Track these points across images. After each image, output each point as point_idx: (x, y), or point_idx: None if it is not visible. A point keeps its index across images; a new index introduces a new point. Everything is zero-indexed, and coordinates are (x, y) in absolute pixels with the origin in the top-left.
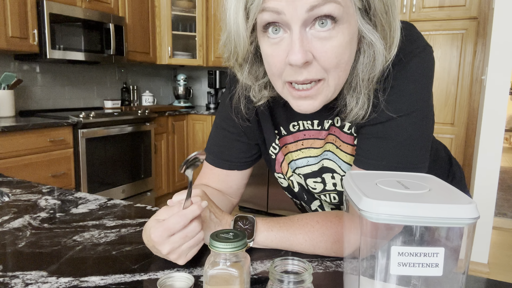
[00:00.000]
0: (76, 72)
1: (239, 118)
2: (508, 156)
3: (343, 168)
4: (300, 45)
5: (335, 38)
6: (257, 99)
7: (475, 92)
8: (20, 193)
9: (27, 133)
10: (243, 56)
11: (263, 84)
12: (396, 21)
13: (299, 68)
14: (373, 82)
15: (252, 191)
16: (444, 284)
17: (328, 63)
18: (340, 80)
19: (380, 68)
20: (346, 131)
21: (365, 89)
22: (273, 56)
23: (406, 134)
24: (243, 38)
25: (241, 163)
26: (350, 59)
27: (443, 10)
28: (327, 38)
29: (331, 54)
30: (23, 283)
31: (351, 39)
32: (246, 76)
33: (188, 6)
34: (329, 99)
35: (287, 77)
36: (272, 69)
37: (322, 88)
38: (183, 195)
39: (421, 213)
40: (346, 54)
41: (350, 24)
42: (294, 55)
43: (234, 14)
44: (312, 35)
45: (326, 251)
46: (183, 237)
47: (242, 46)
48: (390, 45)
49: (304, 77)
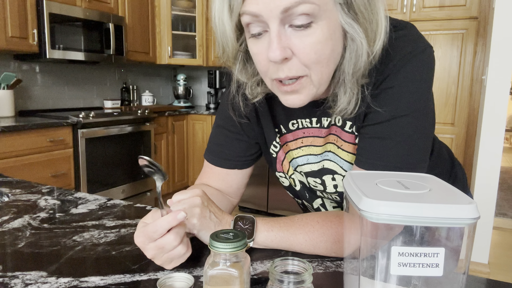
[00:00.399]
0: (76, 72)
1: (236, 115)
2: (508, 156)
3: (345, 168)
4: (277, 42)
5: (313, 34)
6: (253, 96)
7: (475, 92)
8: (20, 193)
9: (27, 133)
10: (233, 55)
11: (256, 82)
12: (379, 15)
13: (279, 64)
14: (358, 76)
15: (252, 191)
16: (445, 284)
17: (307, 59)
18: (323, 75)
19: (364, 63)
20: (347, 130)
21: (351, 84)
22: (258, 54)
23: (406, 134)
24: (230, 38)
25: (241, 162)
26: (333, 55)
27: (443, 10)
28: (305, 35)
29: (310, 50)
30: (23, 283)
31: (331, 35)
32: (240, 73)
33: (188, 6)
34: (316, 94)
35: (271, 74)
36: (259, 67)
37: (306, 83)
38: (183, 195)
39: (421, 213)
40: (327, 49)
41: (329, 20)
42: (272, 52)
43: (219, 14)
44: (291, 32)
45: (326, 251)
46: (160, 247)
47: (230, 46)
48: (373, 39)
49: (285, 74)
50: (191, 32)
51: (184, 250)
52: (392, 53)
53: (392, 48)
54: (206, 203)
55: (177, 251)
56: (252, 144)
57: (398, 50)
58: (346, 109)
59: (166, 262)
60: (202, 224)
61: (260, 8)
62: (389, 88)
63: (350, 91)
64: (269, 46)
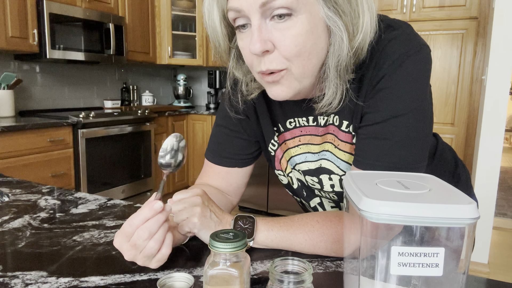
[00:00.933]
0: (76, 72)
1: (233, 111)
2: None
3: (342, 168)
4: (258, 35)
5: (293, 27)
6: (249, 92)
7: (475, 92)
8: (20, 193)
9: (27, 133)
10: (225, 52)
11: (251, 78)
12: (360, 9)
13: (261, 57)
14: (341, 71)
15: (252, 191)
16: (444, 284)
17: (288, 52)
18: (305, 68)
19: (346, 57)
20: (344, 129)
21: (334, 78)
22: (244, 48)
23: (403, 134)
24: (221, 35)
25: (242, 160)
26: (315, 48)
27: (443, 10)
28: (285, 28)
29: (290, 43)
30: (23, 283)
31: (312, 28)
32: (235, 70)
33: (188, 6)
34: (299, 88)
35: (255, 67)
36: (247, 61)
37: (286, 75)
38: (184, 194)
39: (421, 213)
40: (308, 43)
41: (310, 13)
42: (253, 45)
43: (209, 13)
44: (272, 26)
45: (326, 251)
46: (133, 245)
47: (221, 43)
48: (353, 33)
49: (266, 66)
50: (191, 32)
51: (157, 246)
52: (388, 53)
53: (387, 48)
54: (206, 202)
55: (149, 246)
56: (252, 142)
57: (394, 50)
58: (330, 104)
59: (146, 261)
60: (203, 223)
61: (241, 3)
62: (386, 88)
63: (333, 85)
64: (250, 39)
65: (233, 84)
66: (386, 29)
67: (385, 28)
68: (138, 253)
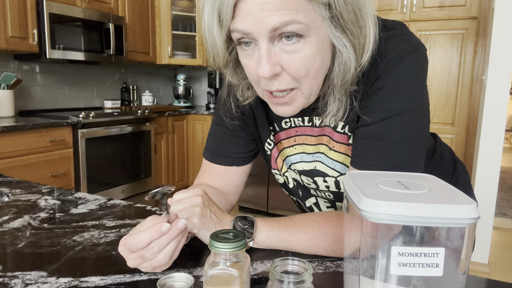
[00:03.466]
0: (76, 72)
1: (228, 117)
2: (508, 156)
3: (337, 169)
4: (267, 59)
5: (302, 50)
6: (244, 98)
7: (475, 92)
8: (20, 193)
9: (27, 133)
10: (223, 63)
11: (247, 85)
12: (367, 27)
13: (269, 79)
14: (346, 86)
15: (252, 191)
16: (445, 284)
17: (297, 74)
18: (313, 87)
19: (352, 74)
20: (339, 130)
21: (339, 94)
22: (248, 66)
23: (400, 134)
24: (220, 49)
25: (240, 158)
26: (322, 67)
27: (443, 10)
28: (294, 51)
29: (299, 66)
30: (23, 283)
31: (320, 49)
32: (231, 77)
33: (188, 6)
34: (306, 104)
35: (263, 86)
36: (250, 77)
37: (296, 95)
38: (184, 194)
39: (421, 213)
40: (316, 63)
41: (318, 36)
42: (262, 69)
43: (208, 26)
44: (280, 48)
45: (326, 251)
46: (140, 257)
47: (220, 56)
48: (361, 53)
49: (276, 87)
50: (191, 32)
51: (166, 260)
52: (383, 54)
53: (383, 49)
54: (207, 202)
55: (157, 259)
56: (249, 140)
57: (389, 50)
58: (336, 116)
59: (148, 269)
60: (203, 223)
61: (249, 27)
62: (382, 88)
63: (339, 100)
64: (259, 63)
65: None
66: (382, 30)
67: (380, 29)
68: (143, 262)
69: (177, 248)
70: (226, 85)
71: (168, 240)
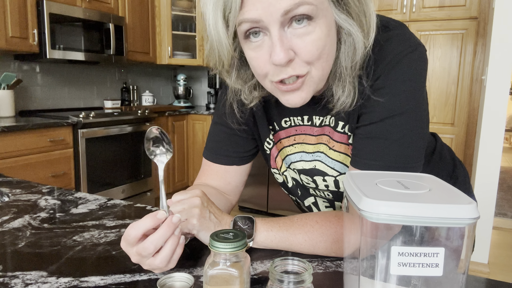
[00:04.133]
0: (76, 72)
1: (234, 122)
2: (508, 156)
3: (336, 169)
4: (281, 45)
5: (313, 32)
6: (249, 101)
7: (475, 92)
8: (20, 193)
9: (27, 133)
10: (228, 62)
11: (252, 86)
12: (369, 7)
13: (283, 66)
14: (356, 69)
15: (252, 191)
16: (444, 284)
17: (310, 57)
18: (324, 71)
19: (361, 55)
20: (339, 130)
21: (349, 77)
22: (257, 58)
23: (400, 133)
24: (226, 46)
25: (240, 157)
26: (331, 50)
27: (443, 10)
28: (305, 34)
29: (312, 48)
30: (23, 283)
31: (329, 31)
32: (235, 80)
33: (188, 6)
34: (315, 90)
35: (273, 77)
36: (257, 71)
37: (306, 80)
38: (182, 195)
39: (421, 213)
40: (327, 45)
41: (326, 18)
42: (277, 55)
43: (213, 24)
44: (291, 33)
45: (326, 251)
46: (139, 253)
47: (226, 54)
48: (367, 31)
49: (289, 74)
50: (191, 32)
51: (163, 265)
52: (383, 54)
53: (383, 49)
54: (205, 203)
55: (154, 264)
56: (249, 139)
57: (389, 50)
58: (345, 102)
59: (149, 268)
60: (202, 224)
61: (260, 14)
62: (382, 89)
63: (349, 84)
64: (272, 50)
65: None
66: (382, 30)
67: (381, 29)
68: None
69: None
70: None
71: (163, 236)
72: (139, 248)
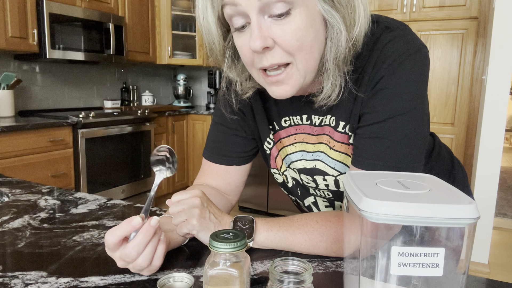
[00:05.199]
0: (76, 72)
1: (228, 112)
2: (508, 156)
3: (337, 168)
4: (258, 31)
5: (292, 21)
6: (243, 91)
7: (475, 92)
8: (20, 193)
9: (27, 133)
10: (220, 52)
11: (245, 77)
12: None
13: (262, 54)
14: (339, 62)
15: (252, 191)
16: (445, 284)
17: (289, 46)
18: (308, 63)
19: (344, 48)
20: (340, 130)
21: (333, 71)
22: (242, 46)
23: (402, 134)
24: (215, 35)
25: (240, 158)
26: (316, 42)
27: (443, 10)
28: (284, 23)
29: (291, 37)
30: (23, 283)
31: (311, 22)
32: (229, 70)
33: (188, 6)
34: (301, 84)
35: (257, 64)
36: (244, 59)
37: (292, 72)
38: (182, 195)
39: (421, 213)
40: (309, 36)
41: (307, 7)
42: (253, 41)
43: (203, 13)
44: (271, 22)
45: (326, 251)
46: (122, 258)
47: (216, 43)
48: (352, 25)
49: (269, 62)
50: (191, 32)
51: (145, 264)
52: (386, 54)
53: (386, 50)
54: (205, 203)
55: (137, 264)
56: (249, 139)
57: (392, 51)
58: (330, 97)
59: (137, 271)
60: (202, 225)
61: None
62: (385, 89)
63: (333, 77)
64: (251, 36)
65: (228, 85)
66: (384, 30)
67: (383, 29)
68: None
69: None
70: (225, 80)
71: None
72: (122, 254)
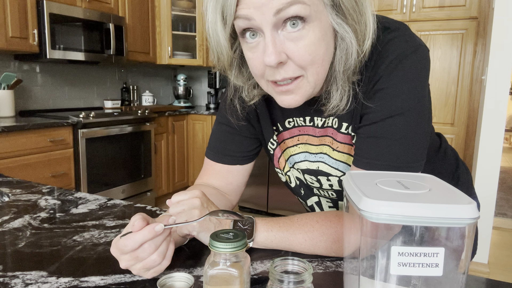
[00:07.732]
0: (76, 72)
1: (234, 118)
2: (508, 156)
3: (340, 169)
4: (272, 47)
5: (306, 37)
6: (249, 98)
7: (475, 92)
8: (20, 193)
9: (27, 133)
10: (228, 62)
11: (252, 84)
12: (367, 16)
13: (275, 68)
14: (349, 74)
15: (252, 191)
16: (444, 284)
17: (302, 61)
18: (319, 75)
19: (355, 61)
20: (343, 131)
21: (341, 81)
22: (253, 59)
23: (401, 133)
24: (225, 47)
25: (243, 157)
26: (327, 54)
27: (443, 10)
28: (298, 38)
29: (304, 53)
30: (23, 283)
31: (323, 35)
32: (236, 78)
33: (188, 6)
34: (311, 94)
35: (268, 76)
36: (254, 71)
37: (302, 83)
38: (182, 196)
39: (421, 213)
40: (321, 50)
41: (320, 21)
42: (268, 57)
43: (212, 24)
44: (284, 36)
45: (326, 251)
46: (134, 257)
47: (225, 55)
48: (362, 39)
49: (282, 76)
50: (191, 32)
51: (160, 260)
52: (385, 55)
53: (385, 50)
54: (205, 204)
55: (151, 259)
56: (253, 139)
57: (391, 51)
58: (338, 106)
59: (141, 271)
60: (202, 225)
61: (252, 12)
62: (384, 89)
63: (342, 88)
64: (265, 51)
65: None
66: (384, 31)
67: (383, 30)
68: (137, 263)
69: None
70: (231, 87)
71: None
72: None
